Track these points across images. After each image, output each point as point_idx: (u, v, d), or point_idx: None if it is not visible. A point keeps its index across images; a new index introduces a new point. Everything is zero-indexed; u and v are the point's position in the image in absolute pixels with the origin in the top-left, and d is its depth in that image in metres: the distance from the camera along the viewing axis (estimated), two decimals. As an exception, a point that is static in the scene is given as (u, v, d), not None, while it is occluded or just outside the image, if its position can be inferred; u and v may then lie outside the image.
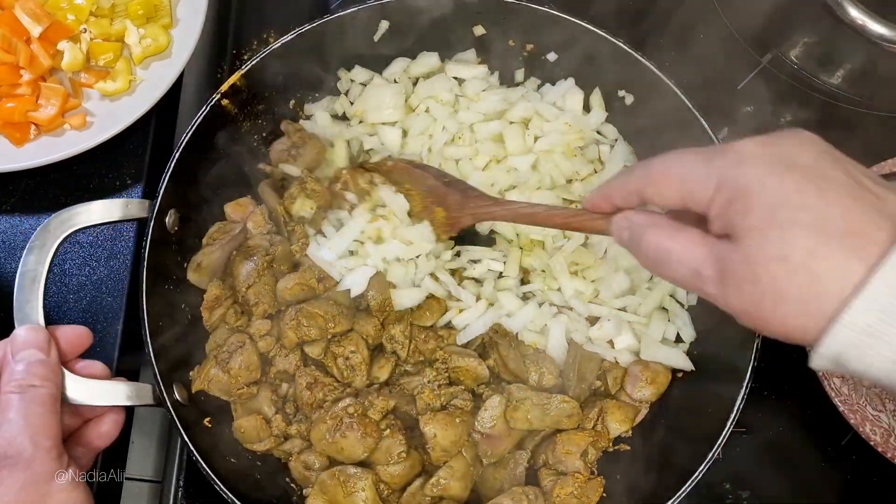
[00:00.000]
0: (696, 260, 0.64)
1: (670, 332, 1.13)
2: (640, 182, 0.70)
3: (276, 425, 1.02)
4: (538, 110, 1.19)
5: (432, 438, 0.98)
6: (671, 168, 0.66)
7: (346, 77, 1.23)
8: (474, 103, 1.20)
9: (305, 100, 1.23)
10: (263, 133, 1.19)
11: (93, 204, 0.95)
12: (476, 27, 1.21)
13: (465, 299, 1.09)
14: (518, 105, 1.19)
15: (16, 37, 1.16)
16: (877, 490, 1.17)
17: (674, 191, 0.66)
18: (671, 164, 0.66)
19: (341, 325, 1.03)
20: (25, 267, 0.91)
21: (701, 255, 0.64)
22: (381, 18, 1.17)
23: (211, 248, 1.09)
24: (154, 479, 1.21)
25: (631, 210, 0.73)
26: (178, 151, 1.03)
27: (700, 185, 0.63)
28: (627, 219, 0.72)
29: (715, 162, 0.62)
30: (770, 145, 0.61)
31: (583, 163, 1.18)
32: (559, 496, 1.00)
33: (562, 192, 1.16)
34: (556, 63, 1.22)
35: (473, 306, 1.09)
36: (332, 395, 1.02)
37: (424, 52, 1.23)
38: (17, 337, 0.86)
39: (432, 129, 1.19)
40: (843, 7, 1.10)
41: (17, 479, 0.76)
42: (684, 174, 0.65)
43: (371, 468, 0.99)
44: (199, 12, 1.24)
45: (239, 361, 1.01)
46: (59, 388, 0.85)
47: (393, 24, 1.18)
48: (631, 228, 0.71)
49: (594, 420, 1.06)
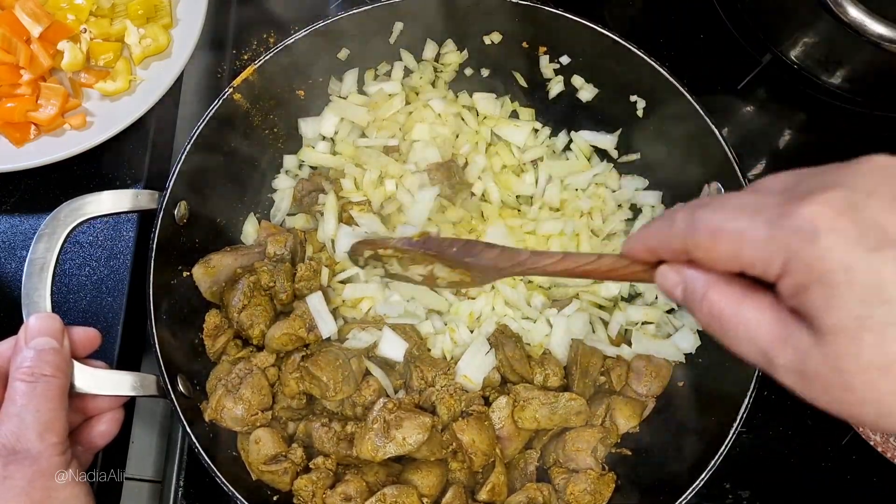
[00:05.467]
0: (766, 341, 0.51)
1: (664, 326, 1.14)
2: (684, 242, 0.56)
3: (293, 457, 0.99)
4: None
5: (471, 445, 0.97)
6: (723, 230, 0.52)
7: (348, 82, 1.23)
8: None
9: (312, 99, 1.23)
10: (274, 129, 1.19)
11: (103, 194, 0.95)
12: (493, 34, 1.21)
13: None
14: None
15: (16, 37, 1.16)
16: (877, 490, 1.17)
17: (728, 258, 0.52)
18: (722, 225, 0.52)
19: (343, 392, 1.00)
20: (35, 255, 0.91)
21: (772, 337, 0.51)
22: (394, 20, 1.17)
23: (227, 253, 1.09)
24: (154, 479, 1.21)
25: (681, 264, 0.58)
26: (188, 144, 1.03)
27: (761, 260, 0.49)
28: (679, 273, 0.58)
29: (779, 230, 0.48)
30: (850, 210, 0.46)
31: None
32: (572, 493, 1.00)
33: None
34: (569, 66, 1.23)
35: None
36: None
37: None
38: (30, 324, 0.86)
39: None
40: (843, 7, 1.10)
41: (24, 474, 0.76)
42: (739, 241, 0.50)
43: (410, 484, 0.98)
44: (199, 12, 1.24)
45: (250, 386, 0.99)
46: (68, 380, 0.85)
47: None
48: (685, 284, 0.58)
49: (602, 417, 1.06)
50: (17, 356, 0.83)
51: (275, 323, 1.06)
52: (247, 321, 1.04)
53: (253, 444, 0.99)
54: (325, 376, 0.98)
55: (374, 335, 1.06)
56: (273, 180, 1.21)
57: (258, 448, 0.99)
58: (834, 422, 1.12)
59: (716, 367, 1.07)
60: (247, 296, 1.04)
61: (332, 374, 0.99)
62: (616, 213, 1.20)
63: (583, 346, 1.08)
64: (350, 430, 0.99)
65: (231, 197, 1.16)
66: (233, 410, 0.98)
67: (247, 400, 0.98)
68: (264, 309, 1.06)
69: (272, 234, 1.13)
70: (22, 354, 0.83)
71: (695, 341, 1.10)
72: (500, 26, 1.19)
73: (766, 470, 1.17)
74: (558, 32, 1.16)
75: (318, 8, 1.39)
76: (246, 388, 0.99)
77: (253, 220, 1.18)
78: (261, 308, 1.05)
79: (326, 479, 0.98)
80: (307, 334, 1.03)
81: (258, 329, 1.04)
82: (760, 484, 1.16)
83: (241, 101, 1.10)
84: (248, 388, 0.99)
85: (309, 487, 0.97)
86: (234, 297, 1.05)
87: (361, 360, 1.04)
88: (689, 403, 1.08)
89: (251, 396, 0.99)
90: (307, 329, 1.03)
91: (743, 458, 1.16)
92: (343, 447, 0.98)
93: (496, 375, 1.07)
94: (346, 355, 1.03)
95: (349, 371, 1.01)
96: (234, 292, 1.05)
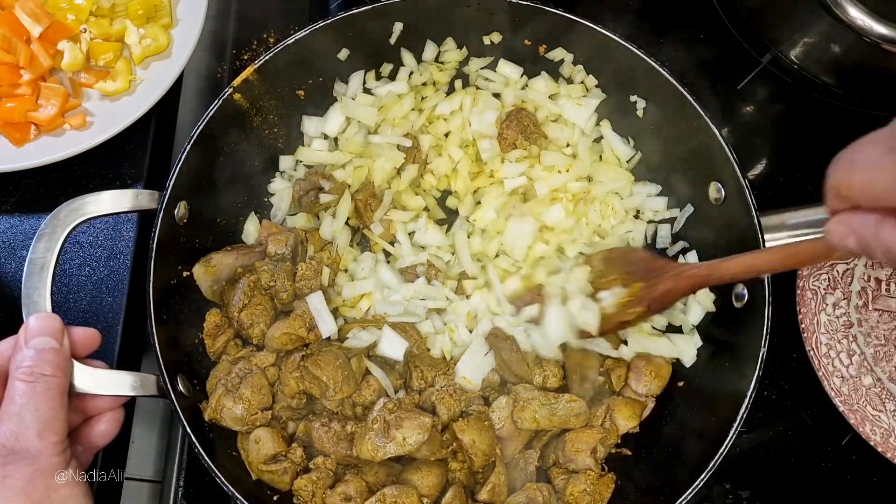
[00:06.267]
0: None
1: (659, 321, 1.14)
2: (838, 189, 0.59)
3: (293, 457, 0.99)
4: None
5: (472, 445, 0.97)
6: (855, 168, 0.55)
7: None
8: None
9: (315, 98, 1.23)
10: (274, 129, 1.19)
11: (103, 194, 0.96)
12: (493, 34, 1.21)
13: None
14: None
15: (16, 37, 1.16)
16: (877, 490, 1.17)
17: (881, 194, 0.55)
18: (855, 162, 0.55)
19: (343, 391, 1.00)
20: (35, 254, 0.91)
21: None
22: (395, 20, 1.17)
23: (228, 252, 1.09)
24: (154, 479, 1.21)
25: (846, 213, 0.59)
26: (188, 144, 1.03)
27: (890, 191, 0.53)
28: (845, 223, 0.59)
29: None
30: None
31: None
32: (572, 494, 1.00)
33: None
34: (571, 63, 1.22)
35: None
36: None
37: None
38: (30, 324, 0.86)
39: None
40: (843, 7, 1.10)
41: (23, 474, 0.76)
42: (870, 178, 0.54)
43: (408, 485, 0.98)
44: (199, 12, 1.24)
45: (249, 385, 0.99)
46: (68, 379, 0.85)
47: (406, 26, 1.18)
48: (855, 232, 0.58)
49: (602, 417, 1.06)
50: (16, 356, 0.83)
51: (275, 322, 1.06)
52: (247, 321, 1.04)
53: (253, 444, 0.99)
54: (324, 376, 0.98)
55: (375, 334, 1.06)
56: (270, 182, 1.21)
57: (258, 448, 0.99)
58: (834, 422, 1.13)
59: (716, 367, 1.07)
60: (247, 295, 1.05)
61: (332, 374, 0.98)
62: (625, 223, 1.19)
63: (580, 353, 1.08)
64: (350, 430, 0.99)
65: (231, 197, 1.16)
66: (232, 410, 0.98)
67: (246, 399, 0.98)
68: (264, 309, 1.05)
69: (273, 233, 1.13)
70: (22, 354, 0.83)
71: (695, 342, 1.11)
72: (500, 26, 1.19)
73: (766, 470, 1.17)
74: (558, 32, 1.16)
75: (319, 8, 1.39)
76: (246, 388, 0.99)
77: (254, 219, 1.18)
78: (261, 308, 1.05)
79: (326, 478, 0.98)
80: (307, 334, 1.03)
81: (258, 329, 1.04)
82: (760, 484, 1.16)
83: (241, 101, 1.10)
84: (247, 388, 0.99)
85: (309, 487, 0.97)
86: (234, 297, 1.05)
87: (361, 360, 1.04)
88: (688, 403, 1.08)
89: (251, 396, 0.99)
90: (307, 329, 1.03)
91: (743, 458, 1.16)
92: (343, 447, 0.98)
93: (495, 377, 1.07)
94: (346, 355, 1.03)
95: (349, 371, 1.01)
96: (235, 291, 1.05)
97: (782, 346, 1.17)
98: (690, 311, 1.12)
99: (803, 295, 1.18)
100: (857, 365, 1.16)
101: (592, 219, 1.17)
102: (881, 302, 1.20)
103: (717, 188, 1.08)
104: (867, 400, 1.14)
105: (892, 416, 1.13)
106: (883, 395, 1.15)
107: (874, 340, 1.18)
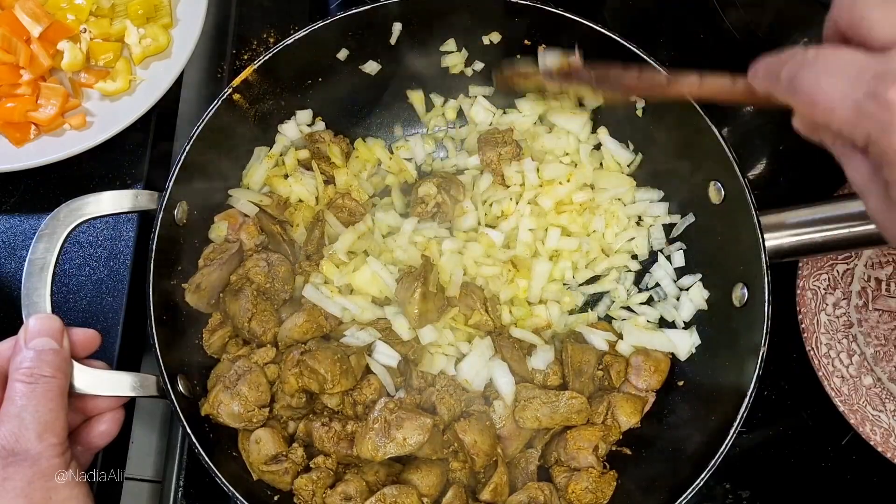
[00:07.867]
0: (861, 181, 0.59)
1: (652, 315, 1.14)
2: (785, 98, 0.65)
3: (294, 457, 0.99)
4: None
5: (474, 445, 0.97)
6: (816, 103, 0.57)
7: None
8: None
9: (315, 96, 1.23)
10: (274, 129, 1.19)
11: (103, 194, 0.96)
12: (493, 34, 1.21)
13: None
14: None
15: (16, 37, 1.16)
16: (877, 490, 1.17)
17: (823, 123, 0.58)
18: (815, 96, 0.57)
19: (341, 385, 0.99)
20: (35, 255, 0.91)
21: (865, 176, 0.59)
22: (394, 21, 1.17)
23: (209, 268, 1.06)
24: (154, 479, 1.21)
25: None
26: (188, 144, 1.02)
27: (848, 134, 0.56)
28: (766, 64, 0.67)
29: (862, 116, 0.53)
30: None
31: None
32: (574, 492, 1.00)
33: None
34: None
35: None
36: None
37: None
38: (30, 325, 0.86)
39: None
40: (843, 7, 1.10)
41: (23, 475, 0.76)
42: (829, 116, 0.56)
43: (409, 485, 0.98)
44: (199, 12, 1.24)
45: (248, 383, 0.99)
46: (68, 380, 0.85)
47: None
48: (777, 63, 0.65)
49: (603, 414, 1.06)
50: (16, 356, 0.83)
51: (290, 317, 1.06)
52: (258, 328, 1.04)
53: (253, 445, 0.99)
54: (322, 368, 0.98)
55: (373, 335, 1.06)
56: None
57: (259, 448, 0.99)
58: (834, 422, 1.13)
59: (716, 366, 1.07)
60: (252, 304, 1.05)
61: (330, 367, 0.98)
62: (627, 230, 1.18)
63: (572, 346, 1.08)
64: (350, 429, 0.99)
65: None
66: (230, 406, 0.98)
67: (244, 396, 0.98)
68: (271, 313, 1.06)
69: (233, 224, 1.11)
70: (21, 355, 0.83)
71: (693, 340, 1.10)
72: (500, 26, 1.19)
73: (766, 470, 1.17)
74: (558, 32, 1.16)
75: (319, 8, 1.39)
76: (244, 385, 0.99)
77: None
78: (268, 313, 1.06)
79: (327, 478, 0.98)
80: (325, 322, 1.06)
81: (270, 333, 1.05)
82: (760, 484, 1.16)
83: (241, 101, 1.10)
84: (245, 385, 0.99)
85: (309, 487, 0.97)
86: (240, 309, 1.05)
87: (362, 357, 1.04)
88: (688, 403, 1.08)
89: (248, 393, 0.99)
90: (325, 317, 1.06)
91: (743, 458, 1.16)
92: (343, 447, 0.98)
93: None
94: (345, 351, 1.03)
95: (348, 365, 1.01)
96: (239, 302, 1.05)
97: (782, 346, 1.17)
98: (682, 308, 1.12)
99: (803, 295, 1.18)
100: (857, 365, 1.16)
101: (597, 226, 1.16)
102: (881, 302, 1.20)
103: (717, 188, 1.08)
104: (867, 400, 1.14)
105: (892, 416, 1.13)
106: (883, 395, 1.15)
107: (874, 340, 1.18)
